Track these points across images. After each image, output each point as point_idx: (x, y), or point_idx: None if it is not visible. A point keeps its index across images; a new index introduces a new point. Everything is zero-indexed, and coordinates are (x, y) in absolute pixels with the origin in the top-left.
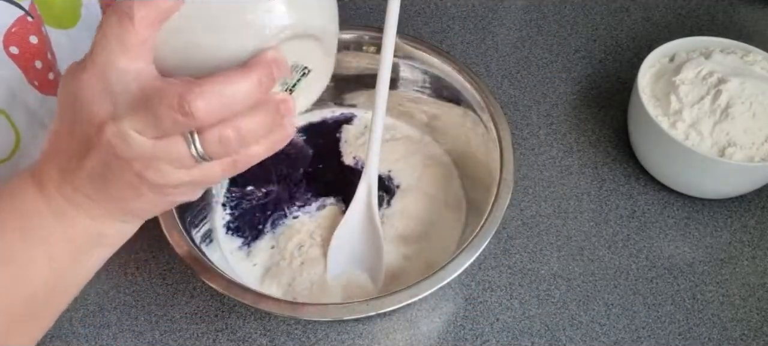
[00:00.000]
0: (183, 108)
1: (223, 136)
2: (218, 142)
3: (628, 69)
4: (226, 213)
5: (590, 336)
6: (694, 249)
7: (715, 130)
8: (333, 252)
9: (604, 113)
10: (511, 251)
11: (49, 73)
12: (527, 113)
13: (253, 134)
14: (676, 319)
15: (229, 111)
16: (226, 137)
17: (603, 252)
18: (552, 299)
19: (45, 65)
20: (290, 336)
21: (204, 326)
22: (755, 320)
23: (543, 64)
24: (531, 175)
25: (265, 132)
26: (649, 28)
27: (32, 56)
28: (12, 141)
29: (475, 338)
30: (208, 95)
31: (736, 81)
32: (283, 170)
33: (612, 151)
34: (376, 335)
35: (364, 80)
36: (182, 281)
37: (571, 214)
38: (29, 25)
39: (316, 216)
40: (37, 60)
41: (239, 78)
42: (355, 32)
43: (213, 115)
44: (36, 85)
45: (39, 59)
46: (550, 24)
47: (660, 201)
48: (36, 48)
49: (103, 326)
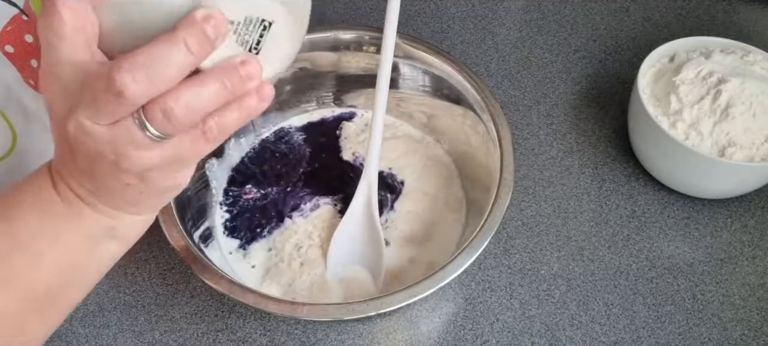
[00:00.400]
0: (113, 88)
1: (166, 110)
2: (163, 117)
3: (628, 69)
4: (225, 213)
5: (590, 336)
6: (694, 249)
7: (715, 130)
8: (333, 251)
9: (604, 113)
10: (511, 251)
11: None
12: (527, 113)
13: (207, 102)
14: (676, 319)
15: (162, 82)
16: (169, 110)
17: (603, 252)
18: (552, 299)
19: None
20: (290, 336)
21: (204, 326)
22: (755, 320)
23: (543, 64)
24: (531, 175)
25: (228, 97)
26: (649, 28)
27: (28, 55)
28: (9, 140)
29: (475, 338)
30: (134, 69)
31: (736, 81)
32: (281, 170)
33: (612, 152)
34: (376, 335)
35: (364, 80)
36: (182, 281)
37: (571, 214)
38: (24, 23)
39: (310, 216)
40: (33, 59)
41: (163, 44)
42: (355, 32)
43: (144, 89)
44: (31, 84)
45: (34, 58)
46: (550, 24)
47: (660, 201)
48: (31, 47)
49: (103, 326)
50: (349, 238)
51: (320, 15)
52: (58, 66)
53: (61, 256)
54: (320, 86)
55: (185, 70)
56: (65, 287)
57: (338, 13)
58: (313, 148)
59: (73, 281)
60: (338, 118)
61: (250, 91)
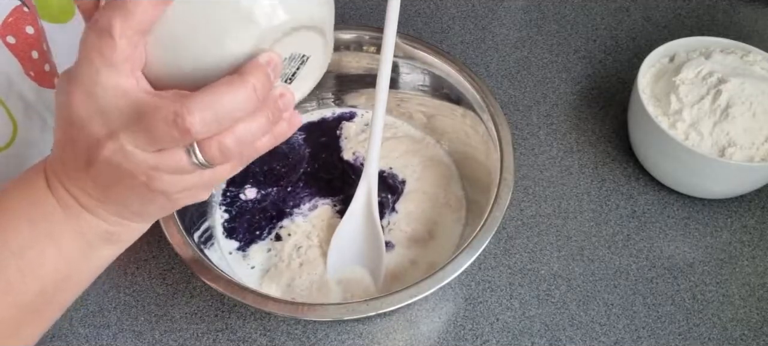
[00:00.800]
0: (178, 125)
1: (222, 145)
2: (218, 151)
3: (628, 69)
4: (223, 213)
5: (590, 336)
6: (694, 249)
7: (715, 130)
8: (333, 251)
9: (604, 113)
10: (511, 251)
11: (45, 64)
12: (527, 113)
13: (253, 136)
14: (676, 319)
15: (228, 123)
16: (225, 146)
17: (603, 252)
18: (552, 299)
19: (41, 56)
20: (290, 336)
21: (204, 326)
22: (755, 320)
23: (543, 64)
24: (531, 175)
25: (267, 129)
26: (649, 28)
27: (29, 46)
28: (9, 131)
29: (475, 338)
30: (204, 109)
31: (736, 81)
32: (280, 170)
33: (612, 152)
34: (376, 335)
35: (364, 80)
36: (182, 281)
37: (571, 214)
38: (25, 15)
39: (309, 217)
40: (34, 50)
41: (234, 88)
42: (355, 32)
43: (210, 128)
44: (32, 75)
45: (35, 49)
46: (550, 24)
47: (660, 201)
48: (32, 38)
49: (103, 326)
50: (349, 238)
51: None
52: (99, 87)
53: (56, 262)
54: (320, 86)
55: (248, 112)
56: (60, 292)
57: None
58: (313, 148)
59: (67, 285)
60: (338, 118)
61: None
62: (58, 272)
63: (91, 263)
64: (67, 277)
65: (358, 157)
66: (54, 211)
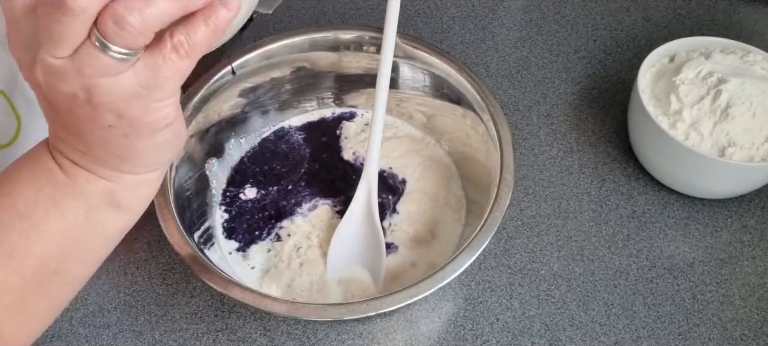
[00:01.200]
0: (60, 6)
1: (117, 18)
2: (115, 26)
3: (628, 69)
4: (224, 213)
5: (590, 336)
6: (694, 249)
7: (715, 130)
8: (333, 251)
9: (604, 113)
10: (511, 251)
11: None
12: (527, 113)
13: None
14: (676, 319)
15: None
16: (120, 18)
17: (603, 252)
18: (552, 299)
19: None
20: (290, 336)
21: (204, 326)
22: (755, 320)
23: (543, 64)
24: (531, 175)
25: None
26: (649, 28)
27: None
28: (14, 126)
29: (475, 338)
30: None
31: (736, 81)
32: (281, 170)
33: (612, 152)
34: (376, 335)
35: (364, 80)
36: (182, 281)
37: (571, 214)
38: None
39: (309, 217)
40: None
41: None
42: (355, 32)
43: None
44: None
45: None
46: (550, 24)
47: (660, 201)
48: None
49: (103, 326)
50: (349, 238)
51: (320, 15)
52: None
53: (60, 226)
54: (320, 86)
55: None
56: (66, 260)
57: (338, 13)
58: (313, 148)
59: (74, 253)
60: (338, 118)
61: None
62: (62, 237)
63: (95, 229)
64: (73, 244)
65: (358, 157)
66: (56, 176)
